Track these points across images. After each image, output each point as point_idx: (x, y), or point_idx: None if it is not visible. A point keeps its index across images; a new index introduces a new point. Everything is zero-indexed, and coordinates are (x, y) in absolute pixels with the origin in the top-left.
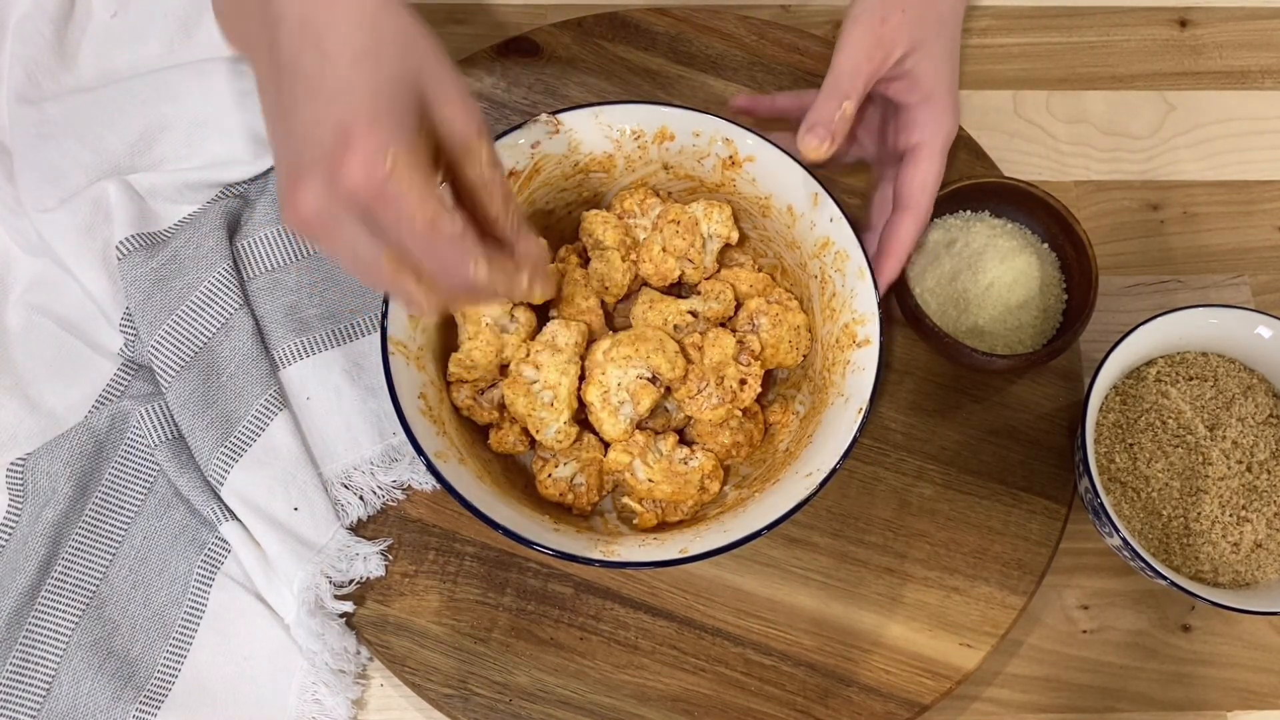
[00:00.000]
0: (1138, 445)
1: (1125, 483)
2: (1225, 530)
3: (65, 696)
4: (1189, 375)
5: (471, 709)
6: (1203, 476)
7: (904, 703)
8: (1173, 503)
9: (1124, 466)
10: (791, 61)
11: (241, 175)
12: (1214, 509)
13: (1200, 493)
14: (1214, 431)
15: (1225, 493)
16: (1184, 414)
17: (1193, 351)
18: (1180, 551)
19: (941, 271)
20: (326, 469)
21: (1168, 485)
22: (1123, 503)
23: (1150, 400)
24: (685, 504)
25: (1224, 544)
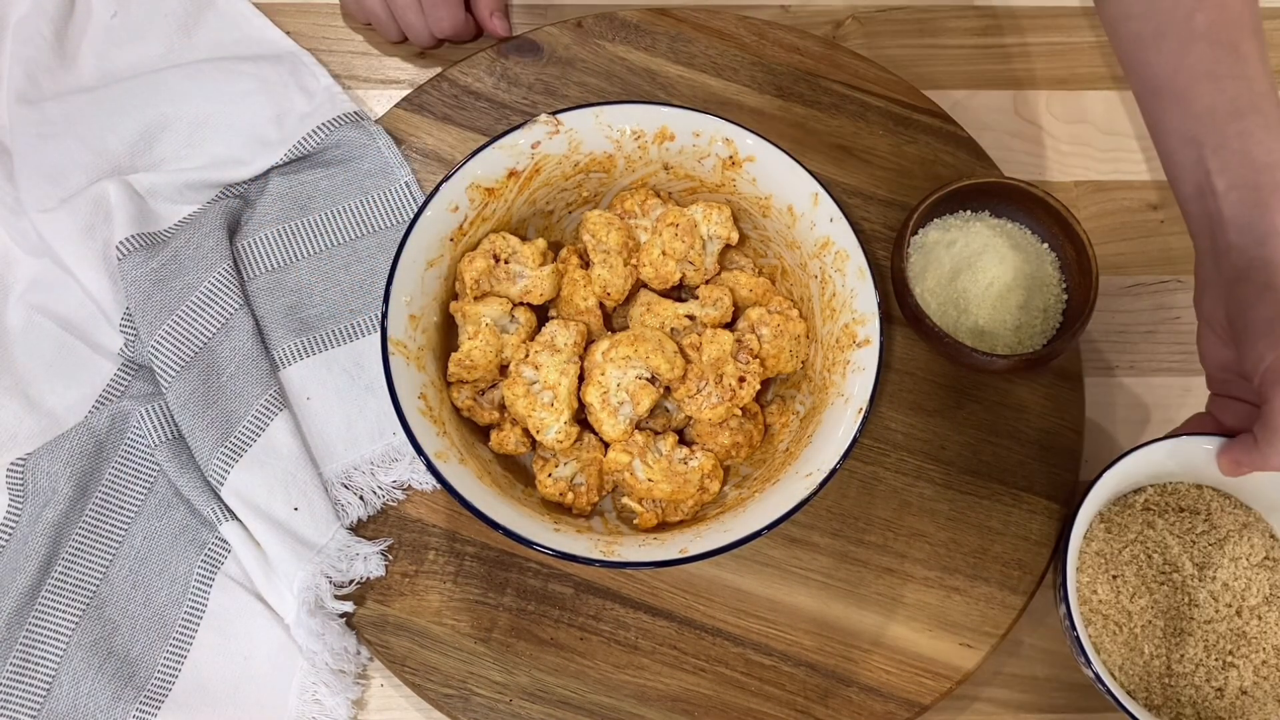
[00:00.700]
0: (1121, 578)
1: (1107, 615)
2: (1209, 674)
3: (65, 696)
4: (1179, 507)
5: (471, 709)
6: (1188, 619)
7: (904, 703)
8: (1155, 641)
9: (1106, 599)
10: (791, 61)
11: (241, 175)
12: (1198, 652)
13: (1185, 635)
14: (1203, 571)
15: (1211, 636)
16: (1170, 549)
17: (1185, 483)
18: (1161, 692)
19: (941, 271)
20: (326, 469)
21: (1151, 623)
22: (1104, 635)
23: (1135, 531)
24: (685, 504)
25: (1208, 688)
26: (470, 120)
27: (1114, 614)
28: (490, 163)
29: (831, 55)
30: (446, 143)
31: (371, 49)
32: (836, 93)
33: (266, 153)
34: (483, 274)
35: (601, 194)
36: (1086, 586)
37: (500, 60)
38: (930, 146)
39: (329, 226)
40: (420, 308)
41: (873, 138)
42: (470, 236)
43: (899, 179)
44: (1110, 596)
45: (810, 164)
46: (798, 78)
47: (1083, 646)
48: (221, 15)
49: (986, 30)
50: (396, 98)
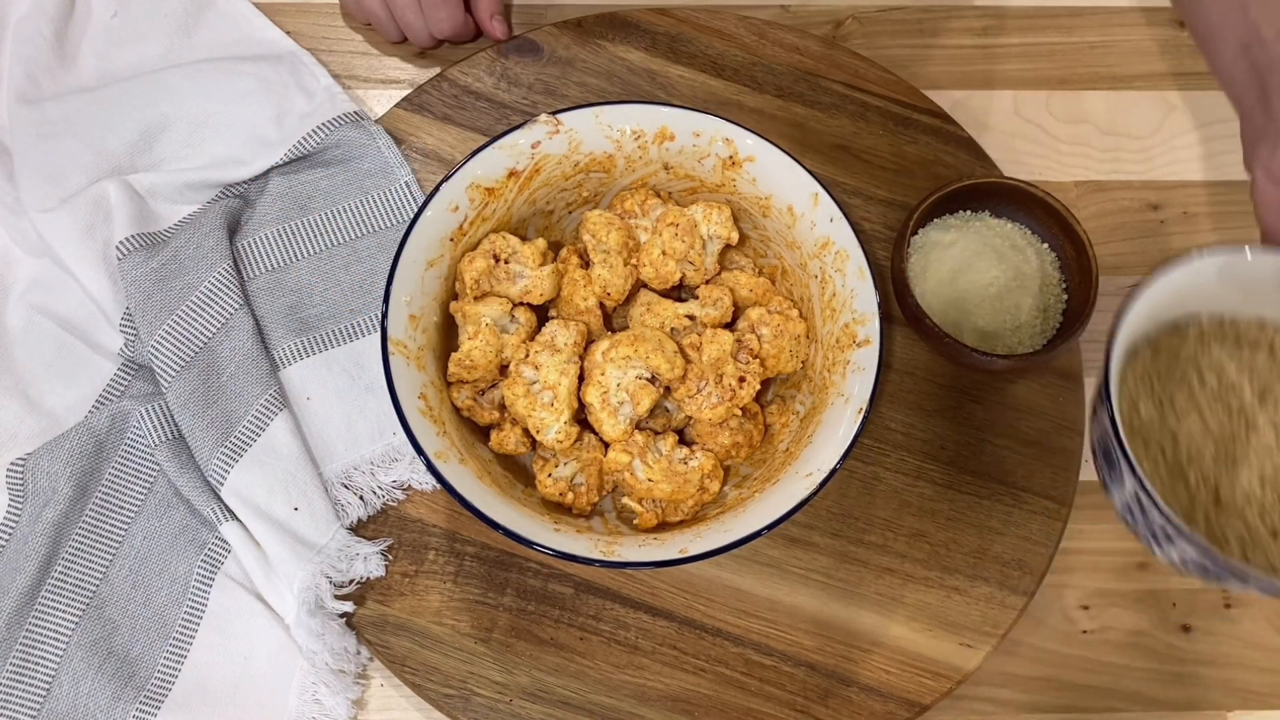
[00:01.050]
0: (1168, 399)
1: (1148, 438)
2: (1263, 511)
3: (65, 696)
4: (1238, 339)
5: (471, 709)
6: (1244, 443)
7: (904, 703)
8: (1203, 467)
9: (1149, 419)
10: (791, 61)
11: (241, 175)
12: (1253, 483)
13: (1238, 462)
14: (1264, 398)
15: (1269, 468)
16: (1228, 372)
17: (1246, 315)
18: (1205, 526)
19: (941, 271)
20: (326, 469)
21: (1200, 448)
22: (1144, 460)
23: (1188, 353)
24: (685, 504)
25: (1259, 525)
26: (470, 120)
27: (1156, 435)
28: (490, 163)
29: (831, 55)
30: (446, 143)
31: (371, 49)
32: (836, 93)
33: (266, 153)
34: (483, 274)
35: (601, 194)
36: (1127, 407)
37: (500, 60)
38: (930, 146)
39: (329, 226)
40: (420, 308)
41: (873, 138)
42: (470, 236)
43: (899, 179)
44: (1154, 416)
45: (810, 164)
46: (798, 78)
47: (1125, 452)
48: (221, 15)
49: (986, 30)
50: (396, 98)
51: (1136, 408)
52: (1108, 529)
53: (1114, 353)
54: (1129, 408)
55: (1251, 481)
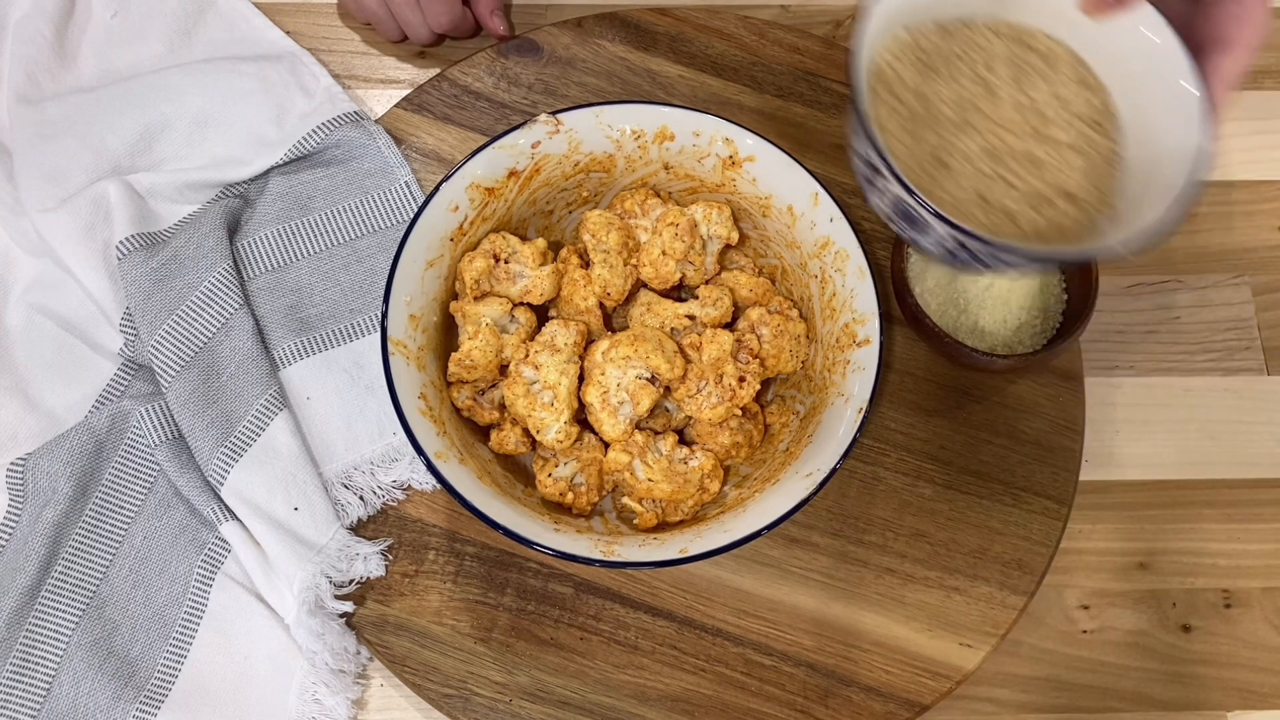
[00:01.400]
0: (932, 67)
1: (901, 96)
2: (977, 179)
3: (65, 696)
4: (1019, 38)
5: (472, 709)
6: (983, 116)
7: (904, 703)
8: (940, 131)
9: (908, 79)
10: (791, 61)
11: (241, 175)
12: (977, 152)
13: (971, 129)
14: (1021, 84)
15: (998, 142)
16: (996, 55)
17: (1037, 27)
18: (922, 178)
19: (941, 271)
20: (326, 469)
21: (942, 112)
22: (891, 115)
23: (965, 36)
24: (685, 504)
25: (970, 191)
26: (470, 120)
27: (909, 97)
28: (490, 162)
29: (831, 55)
30: (446, 143)
31: (371, 49)
32: (836, 93)
33: (266, 152)
34: (483, 274)
35: (601, 194)
36: (889, 62)
37: (500, 60)
38: None
39: (329, 226)
40: (420, 308)
41: None
42: (470, 236)
43: None
44: (914, 79)
45: (810, 164)
46: (798, 78)
47: (862, 116)
48: (221, 15)
49: None
50: (396, 97)
51: (898, 68)
52: (1108, 529)
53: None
54: (889, 65)
55: (975, 150)
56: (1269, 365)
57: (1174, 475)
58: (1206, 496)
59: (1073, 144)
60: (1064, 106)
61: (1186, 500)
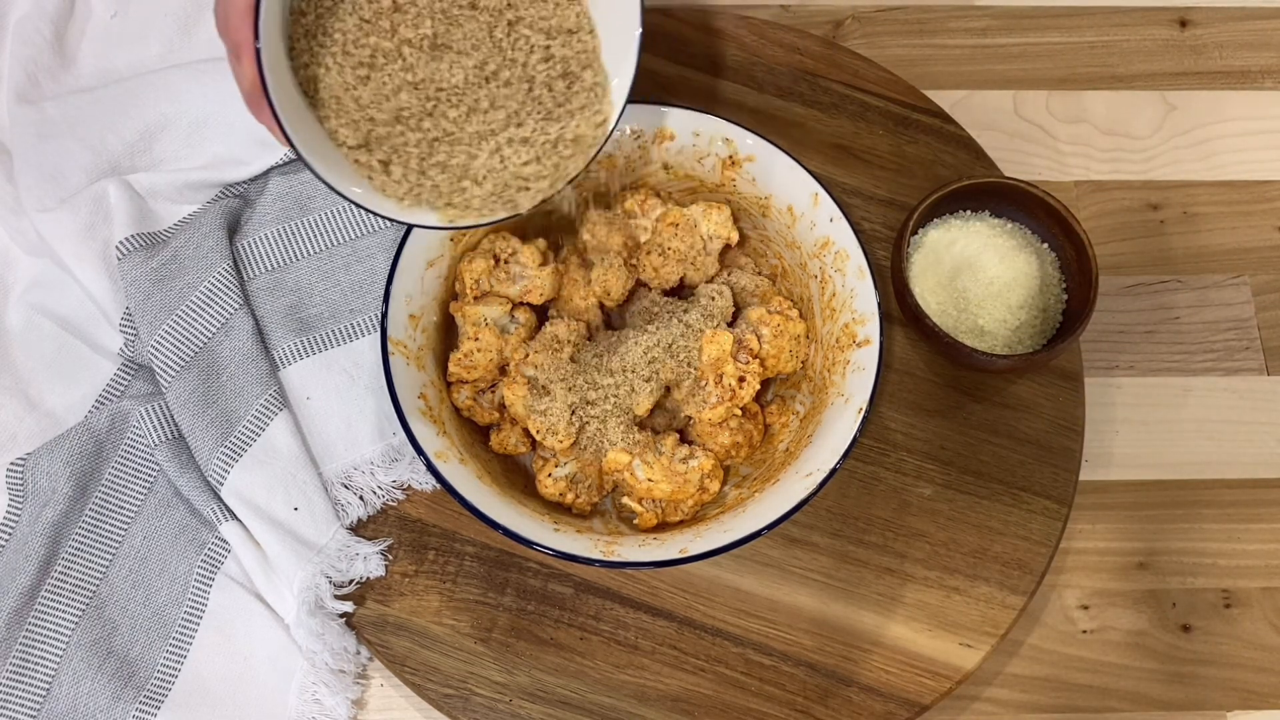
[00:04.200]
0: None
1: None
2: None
3: (65, 696)
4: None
5: (471, 709)
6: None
7: (904, 703)
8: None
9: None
10: (791, 61)
11: (241, 175)
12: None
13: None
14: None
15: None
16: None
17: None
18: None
19: (941, 271)
20: (326, 469)
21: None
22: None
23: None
24: (685, 504)
25: (411, 136)
26: None
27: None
28: None
29: (831, 55)
30: None
31: None
32: (836, 93)
33: (266, 153)
34: (483, 274)
35: (601, 194)
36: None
37: None
38: (930, 146)
39: (329, 226)
40: (420, 308)
41: (873, 138)
42: (470, 236)
43: (899, 179)
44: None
45: (810, 164)
46: (798, 78)
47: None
48: None
49: (986, 30)
50: None
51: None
52: (1108, 529)
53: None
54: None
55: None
56: (1269, 365)
57: (1174, 475)
58: (1206, 496)
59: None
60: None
61: (1186, 500)
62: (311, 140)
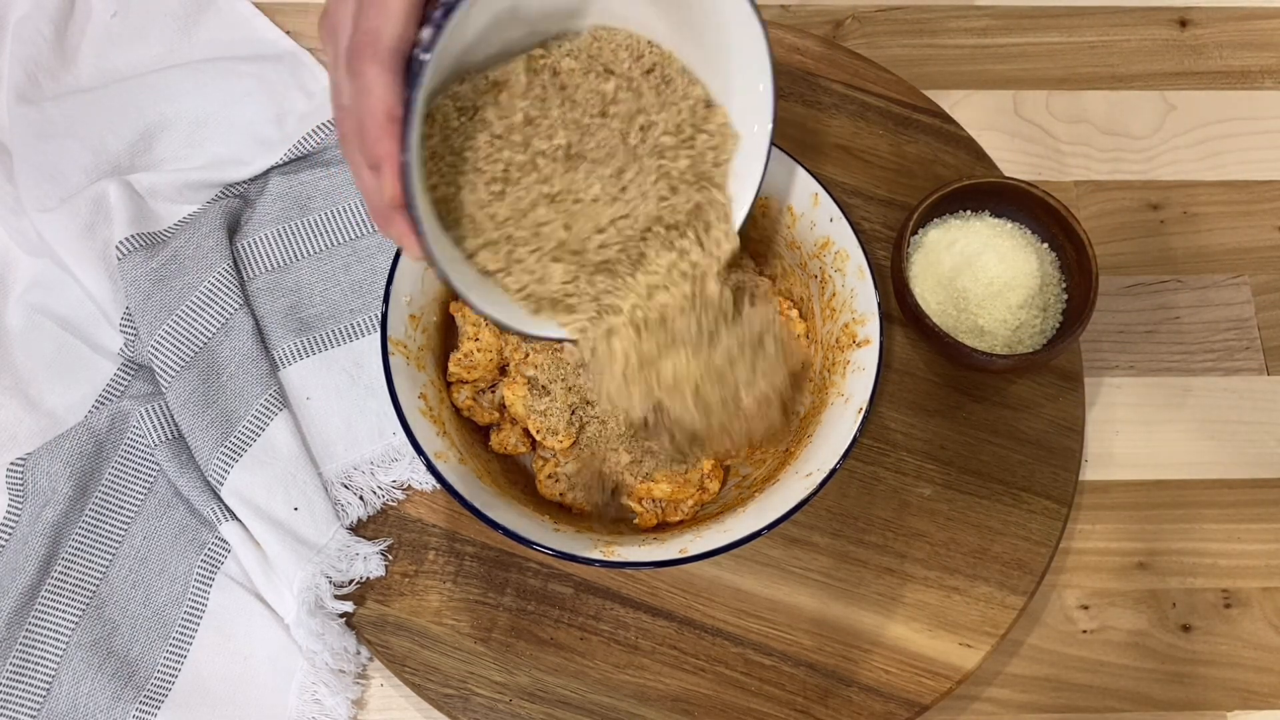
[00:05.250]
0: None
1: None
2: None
3: (65, 696)
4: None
5: (471, 709)
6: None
7: (904, 703)
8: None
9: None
10: (792, 61)
11: (241, 175)
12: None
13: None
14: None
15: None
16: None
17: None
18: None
19: (941, 271)
20: (326, 469)
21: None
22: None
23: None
24: (685, 504)
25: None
26: None
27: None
28: None
29: (831, 55)
30: None
31: None
32: (836, 93)
33: (266, 152)
34: None
35: None
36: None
37: None
38: (930, 146)
39: (329, 226)
40: (420, 308)
41: (873, 138)
42: None
43: (899, 179)
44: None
45: (810, 164)
46: (798, 78)
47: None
48: (221, 15)
49: (986, 30)
50: None
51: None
52: (1108, 529)
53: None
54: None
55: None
56: (1269, 365)
57: (1174, 475)
58: (1206, 496)
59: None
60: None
61: (1186, 500)
62: (452, 261)
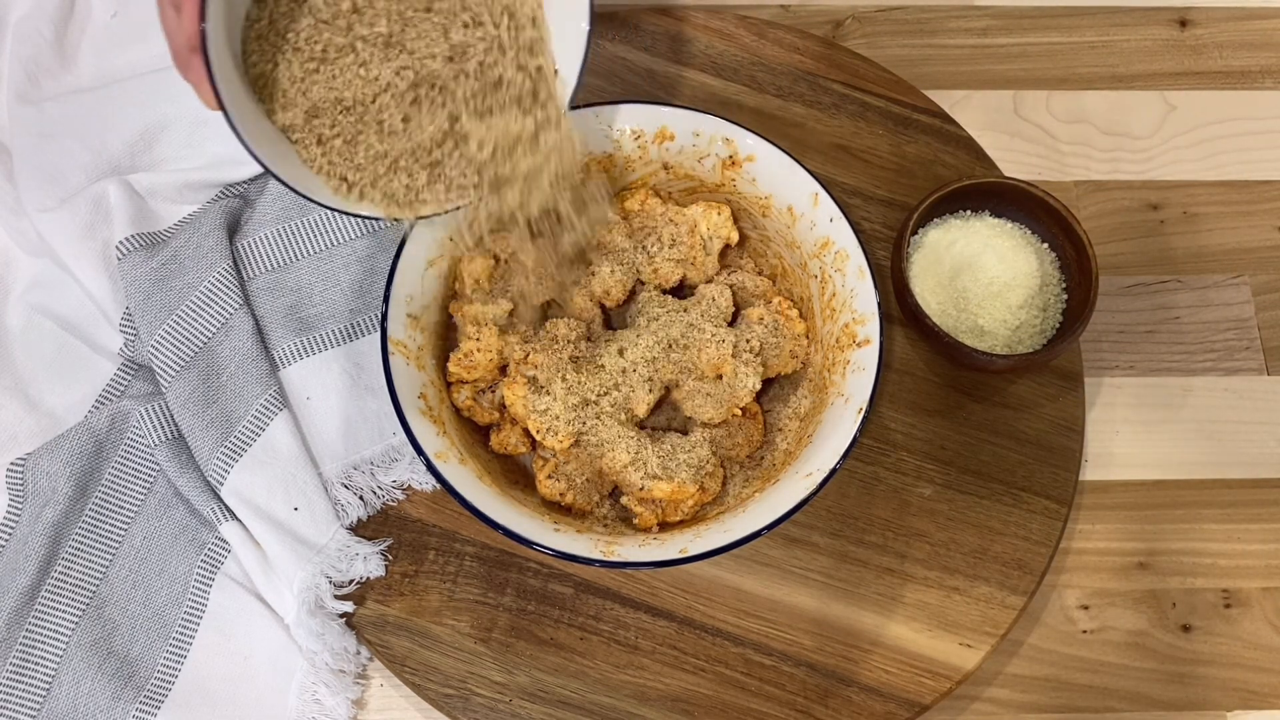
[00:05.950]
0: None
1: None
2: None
3: (65, 696)
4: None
5: (471, 709)
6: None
7: (904, 703)
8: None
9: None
10: (792, 61)
11: (241, 175)
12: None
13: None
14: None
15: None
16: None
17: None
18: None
19: (941, 271)
20: (326, 469)
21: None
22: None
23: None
24: (685, 504)
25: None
26: None
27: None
28: None
29: (831, 55)
30: None
31: None
32: (836, 93)
33: None
34: (483, 273)
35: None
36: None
37: None
38: (930, 146)
39: (329, 226)
40: (420, 308)
41: (873, 138)
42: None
43: (899, 179)
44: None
45: (810, 164)
46: (798, 78)
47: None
48: None
49: (986, 30)
50: None
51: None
52: (1108, 529)
53: None
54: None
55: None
56: (1269, 365)
57: (1174, 475)
58: (1206, 496)
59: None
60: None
61: (1186, 500)
62: (246, 114)
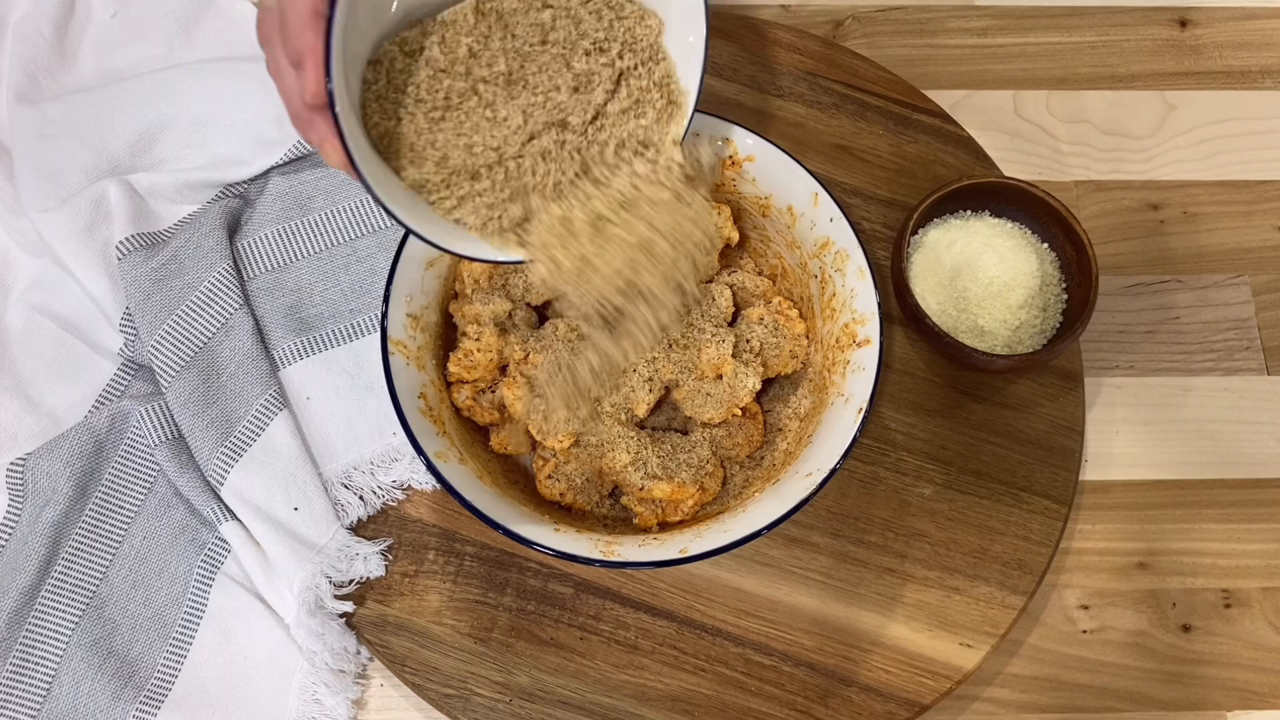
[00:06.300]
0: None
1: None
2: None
3: (65, 696)
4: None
5: (471, 709)
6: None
7: (904, 703)
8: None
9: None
10: (791, 62)
11: (241, 175)
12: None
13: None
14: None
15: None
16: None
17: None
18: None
19: (941, 271)
20: (326, 469)
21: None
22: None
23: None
24: (685, 504)
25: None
26: None
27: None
28: None
29: (831, 55)
30: None
31: None
32: (836, 93)
33: (266, 152)
34: (483, 274)
35: None
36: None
37: None
38: (930, 146)
39: (329, 226)
40: (420, 308)
41: (873, 138)
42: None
43: (899, 179)
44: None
45: (810, 164)
46: (798, 78)
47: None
48: (221, 15)
49: (986, 30)
50: None
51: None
52: (1108, 529)
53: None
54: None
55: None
56: (1269, 365)
57: (1174, 475)
58: (1206, 496)
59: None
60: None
61: (1186, 500)
62: (377, 172)
